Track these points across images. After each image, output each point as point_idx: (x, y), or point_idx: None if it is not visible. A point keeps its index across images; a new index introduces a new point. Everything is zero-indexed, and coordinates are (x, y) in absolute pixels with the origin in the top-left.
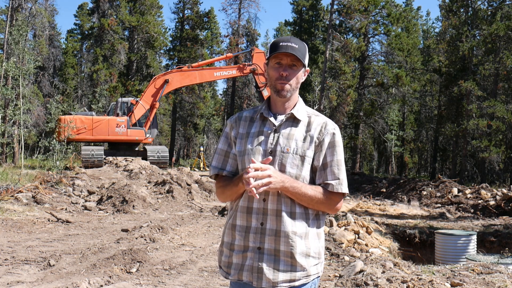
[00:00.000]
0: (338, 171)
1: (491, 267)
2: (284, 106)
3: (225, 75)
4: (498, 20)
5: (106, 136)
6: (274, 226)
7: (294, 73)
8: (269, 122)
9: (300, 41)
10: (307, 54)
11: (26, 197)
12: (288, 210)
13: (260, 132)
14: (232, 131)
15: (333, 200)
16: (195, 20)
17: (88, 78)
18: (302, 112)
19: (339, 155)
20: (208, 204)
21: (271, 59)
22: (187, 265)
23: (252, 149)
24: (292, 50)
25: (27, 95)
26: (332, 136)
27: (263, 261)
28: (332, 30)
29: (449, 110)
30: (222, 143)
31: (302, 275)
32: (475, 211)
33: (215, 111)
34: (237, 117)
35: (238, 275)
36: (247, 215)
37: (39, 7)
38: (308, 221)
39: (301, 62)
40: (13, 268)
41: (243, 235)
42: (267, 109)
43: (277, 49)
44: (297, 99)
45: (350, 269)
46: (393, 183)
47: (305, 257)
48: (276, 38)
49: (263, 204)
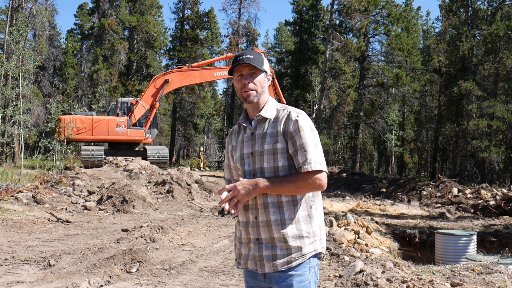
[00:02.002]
0: (305, 152)
1: (491, 267)
2: (256, 110)
3: (225, 75)
4: (498, 20)
5: (106, 136)
6: (265, 217)
7: (255, 79)
8: (247, 129)
9: (256, 52)
10: (265, 61)
11: (26, 197)
12: (275, 201)
13: (242, 139)
14: (229, 146)
15: (309, 180)
16: (195, 20)
17: (88, 78)
18: (271, 110)
19: (304, 138)
20: (208, 204)
21: (234, 74)
22: (187, 265)
23: (240, 155)
24: (248, 60)
25: (27, 95)
26: (295, 123)
27: (262, 249)
28: (332, 30)
29: (449, 110)
30: (225, 158)
31: (297, 256)
32: (475, 211)
33: (215, 111)
34: (230, 133)
35: (245, 264)
36: (245, 212)
37: (39, 7)
38: (296, 206)
39: (259, 68)
40: (13, 268)
41: (244, 229)
42: (244, 118)
43: (236, 63)
44: (266, 100)
45: (350, 269)
46: (393, 183)
47: (298, 238)
48: (235, 54)
49: (254, 200)
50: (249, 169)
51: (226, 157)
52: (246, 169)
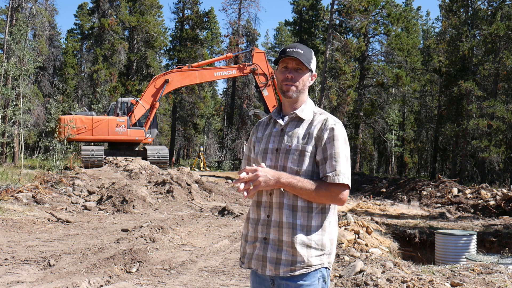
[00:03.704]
0: (335, 163)
1: (491, 267)
2: (292, 107)
3: (225, 75)
4: (498, 20)
5: (106, 136)
6: (277, 218)
7: (299, 76)
8: (278, 123)
9: (307, 48)
10: (314, 60)
11: (26, 197)
12: (290, 203)
13: (271, 133)
14: (253, 137)
15: (332, 191)
16: (195, 20)
17: (88, 78)
18: (308, 111)
19: (337, 148)
20: (208, 204)
21: (279, 64)
22: (187, 265)
23: (263, 149)
24: (297, 55)
25: (28, 95)
26: (331, 131)
27: (267, 250)
28: (332, 30)
29: (449, 110)
30: (246, 149)
31: (302, 265)
32: (475, 211)
33: (215, 111)
34: (257, 124)
35: (248, 263)
36: (257, 208)
37: (39, 7)
38: (311, 214)
39: (306, 66)
40: (13, 268)
41: (254, 227)
42: (278, 112)
43: (284, 54)
44: (304, 100)
45: (350, 269)
46: (393, 183)
47: (306, 247)
48: (286, 45)
49: (269, 197)
50: (271, 165)
51: (247, 148)
52: (267, 164)
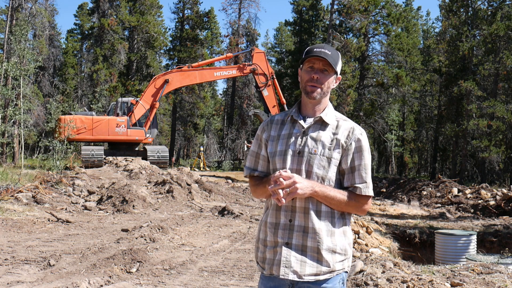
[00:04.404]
0: (365, 175)
1: (491, 267)
2: (314, 109)
3: (225, 75)
4: (498, 20)
5: (106, 136)
6: (302, 222)
7: (325, 77)
8: (298, 125)
9: (334, 49)
10: (340, 62)
11: (26, 197)
12: (315, 208)
13: (290, 134)
14: (264, 134)
15: (360, 202)
16: (195, 20)
17: (88, 78)
18: (331, 116)
19: (366, 160)
20: (208, 204)
21: (305, 63)
22: (187, 265)
23: (282, 151)
24: (325, 56)
25: (28, 95)
26: (358, 141)
27: (291, 255)
28: (332, 30)
29: (449, 110)
30: (254, 145)
31: (327, 270)
32: (475, 211)
33: (215, 111)
34: (269, 120)
35: (270, 269)
36: (277, 212)
37: (39, 7)
38: (333, 219)
39: (333, 68)
40: (13, 268)
41: (273, 231)
42: (297, 112)
43: (311, 53)
44: (327, 103)
45: (350, 269)
46: (393, 183)
47: (331, 253)
48: (312, 45)
49: (291, 202)
50: (292, 168)
51: (255, 145)
52: (288, 167)
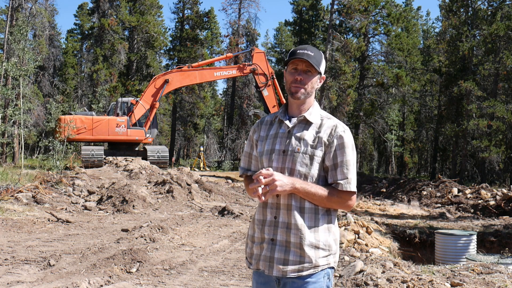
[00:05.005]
0: (347, 171)
1: (491, 267)
2: (299, 109)
3: (225, 75)
4: (498, 20)
5: (106, 136)
6: (285, 219)
7: (308, 78)
8: (284, 125)
9: (317, 50)
10: (323, 62)
11: (26, 197)
12: (298, 205)
13: (277, 134)
14: (255, 135)
15: (343, 198)
16: (195, 20)
17: (88, 78)
18: (315, 115)
19: (348, 156)
20: (208, 204)
21: (289, 65)
22: (187, 265)
23: (268, 150)
24: (307, 57)
25: (28, 95)
26: (341, 138)
27: (275, 251)
28: (332, 30)
29: (449, 110)
30: (247, 146)
31: (310, 266)
32: (475, 211)
33: (215, 111)
34: (259, 121)
35: (256, 264)
36: (263, 210)
37: (39, 7)
38: (317, 215)
39: (315, 68)
40: (13, 268)
41: (260, 227)
42: (284, 113)
43: (294, 55)
44: (312, 103)
45: (350, 269)
46: (393, 183)
47: (314, 248)
48: (295, 47)
49: (276, 199)
50: (277, 166)
51: (248, 145)
52: (274, 165)
